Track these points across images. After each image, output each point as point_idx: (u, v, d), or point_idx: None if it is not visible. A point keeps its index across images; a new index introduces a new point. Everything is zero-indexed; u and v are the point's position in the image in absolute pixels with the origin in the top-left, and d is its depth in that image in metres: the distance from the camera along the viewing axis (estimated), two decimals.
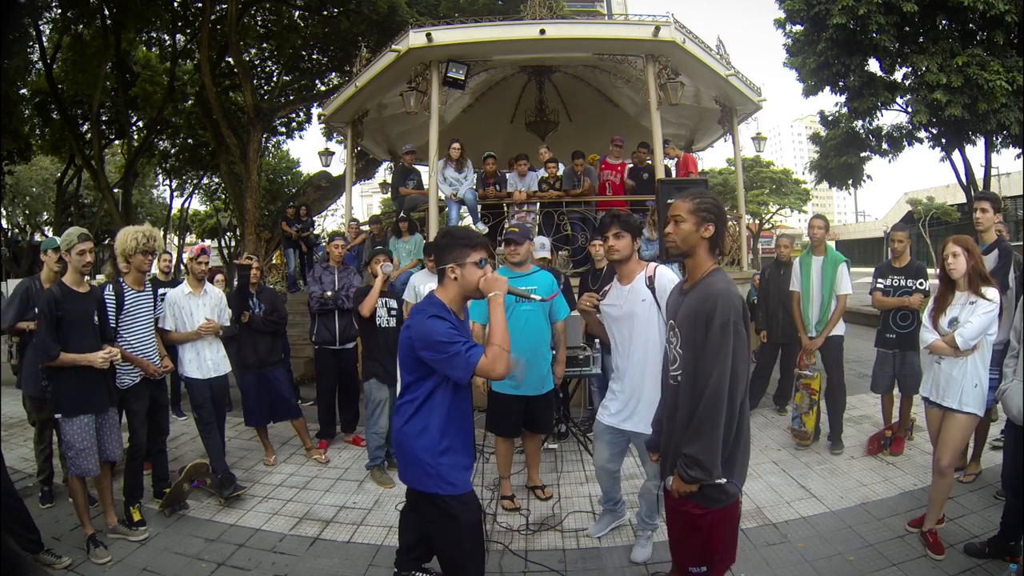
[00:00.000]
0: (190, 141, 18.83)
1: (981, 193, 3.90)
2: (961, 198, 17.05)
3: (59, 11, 14.22)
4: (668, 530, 2.27)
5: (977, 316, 2.85)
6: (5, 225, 23.37)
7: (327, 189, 16.09)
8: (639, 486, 3.13)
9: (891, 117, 12.74)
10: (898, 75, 11.91)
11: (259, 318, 4.59)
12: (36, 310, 3.56)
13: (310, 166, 50.82)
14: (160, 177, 24.63)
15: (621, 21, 10.01)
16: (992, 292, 2.89)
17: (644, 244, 6.17)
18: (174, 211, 26.02)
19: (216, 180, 22.59)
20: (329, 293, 4.94)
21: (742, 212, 9.73)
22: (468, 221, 7.87)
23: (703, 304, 1.97)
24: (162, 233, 24.75)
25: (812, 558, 2.97)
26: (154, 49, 16.97)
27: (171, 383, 5.44)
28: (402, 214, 7.38)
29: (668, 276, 2.79)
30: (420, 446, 2.17)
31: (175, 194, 24.97)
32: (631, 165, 7.43)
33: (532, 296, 2.45)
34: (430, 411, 2.18)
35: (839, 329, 4.46)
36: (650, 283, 2.79)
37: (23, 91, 15.93)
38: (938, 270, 3.13)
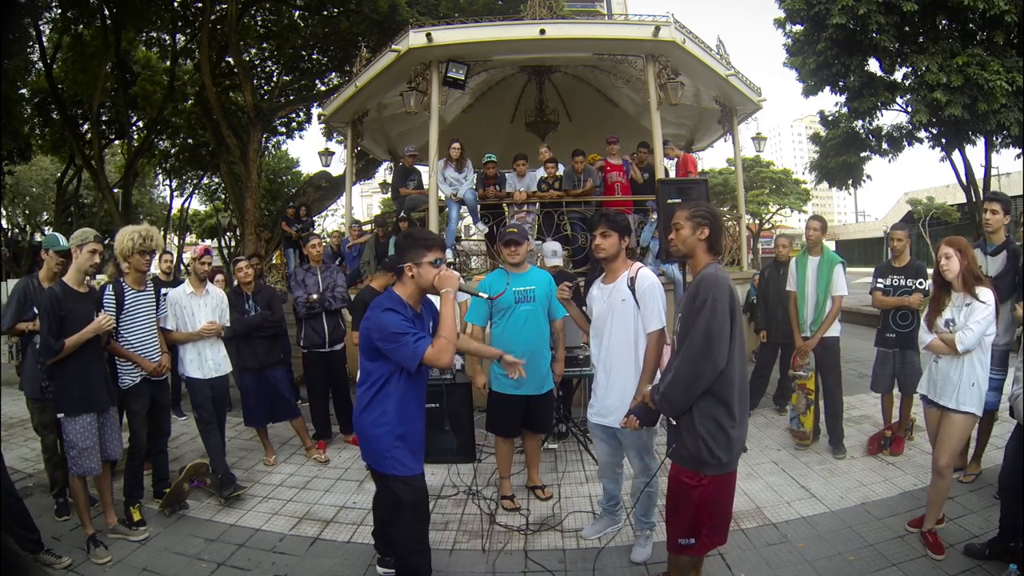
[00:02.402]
0: (190, 141, 18.82)
1: (992, 194, 3.87)
2: (961, 198, 17.03)
3: (59, 11, 14.21)
4: (666, 505, 2.49)
5: (975, 322, 2.85)
6: (5, 225, 23.36)
7: (327, 189, 16.08)
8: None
9: (891, 117, 12.73)
10: (898, 75, 11.89)
11: (255, 319, 4.57)
12: (35, 310, 3.56)
13: (310, 166, 50.87)
14: (160, 177, 24.63)
15: (621, 21, 10.01)
16: (986, 293, 2.89)
17: (648, 228, 6.18)
18: (174, 211, 26.03)
19: (216, 180, 22.58)
20: (315, 296, 4.88)
21: (742, 212, 9.74)
22: (468, 221, 7.88)
23: (692, 286, 2.30)
24: (162, 233, 24.85)
25: (812, 558, 2.97)
26: (154, 49, 16.95)
27: (171, 383, 5.43)
28: (402, 214, 7.38)
29: (650, 279, 2.86)
30: (376, 431, 2.40)
31: (175, 194, 24.99)
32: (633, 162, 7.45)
33: (479, 294, 2.66)
34: (386, 397, 2.40)
35: (835, 330, 4.46)
36: (631, 283, 2.84)
37: (23, 91, 15.91)
38: (933, 272, 3.14)
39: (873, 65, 11.72)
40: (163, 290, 4.16)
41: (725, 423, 2.22)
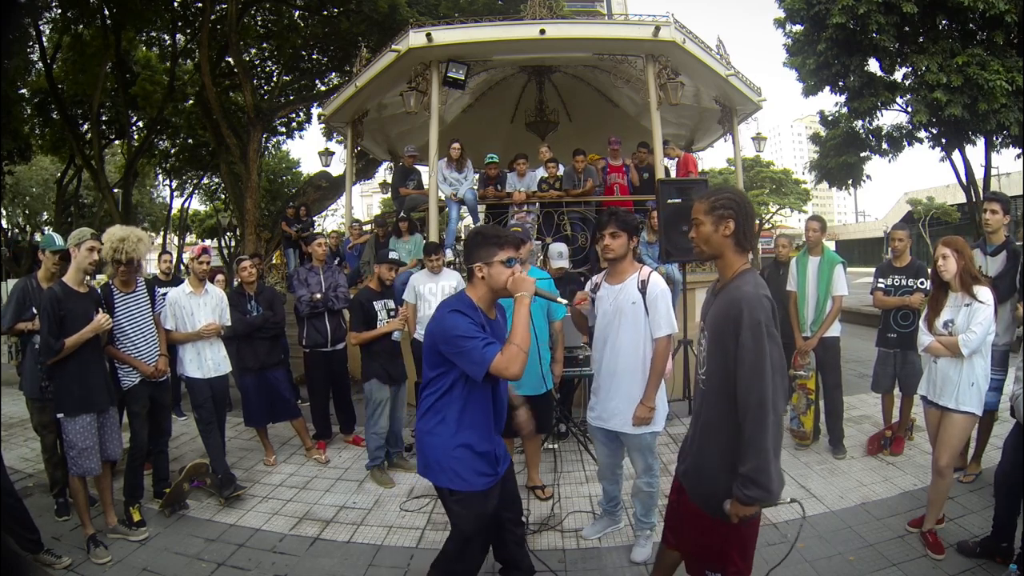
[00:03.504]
0: (190, 141, 18.83)
1: (992, 194, 3.87)
2: (961, 198, 17.03)
3: (59, 11, 14.21)
4: (687, 529, 2.20)
5: (978, 324, 2.85)
6: (5, 225, 23.37)
7: (327, 189, 16.09)
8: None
9: (891, 117, 12.71)
10: (898, 75, 11.88)
11: (258, 320, 4.56)
12: (34, 310, 3.56)
13: (310, 166, 50.87)
14: (160, 177, 24.63)
15: (621, 21, 10.00)
16: (984, 292, 2.89)
17: (644, 247, 6.17)
18: (174, 211, 26.04)
19: (216, 180, 22.59)
20: (319, 295, 4.90)
21: None
22: (468, 221, 7.87)
23: (731, 309, 1.87)
24: (162, 233, 24.85)
25: (812, 558, 2.97)
26: (154, 49, 16.97)
27: (172, 383, 5.43)
28: (402, 214, 7.38)
29: (660, 286, 2.84)
30: (434, 440, 2.20)
31: (175, 194, 25.00)
32: (633, 163, 7.46)
33: (559, 300, 2.43)
34: (447, 405, 2.19)
35: (835, 330, 4.46)
36: (642, 287, 2.82)
37: (23, 91, 15.92)
38: (931, 272, 3.14)
39: (873, 65, 11.72)
40: (162, 290, 4.15)
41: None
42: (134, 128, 18.12)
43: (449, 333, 2.09)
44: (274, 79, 16.74)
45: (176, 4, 14.69)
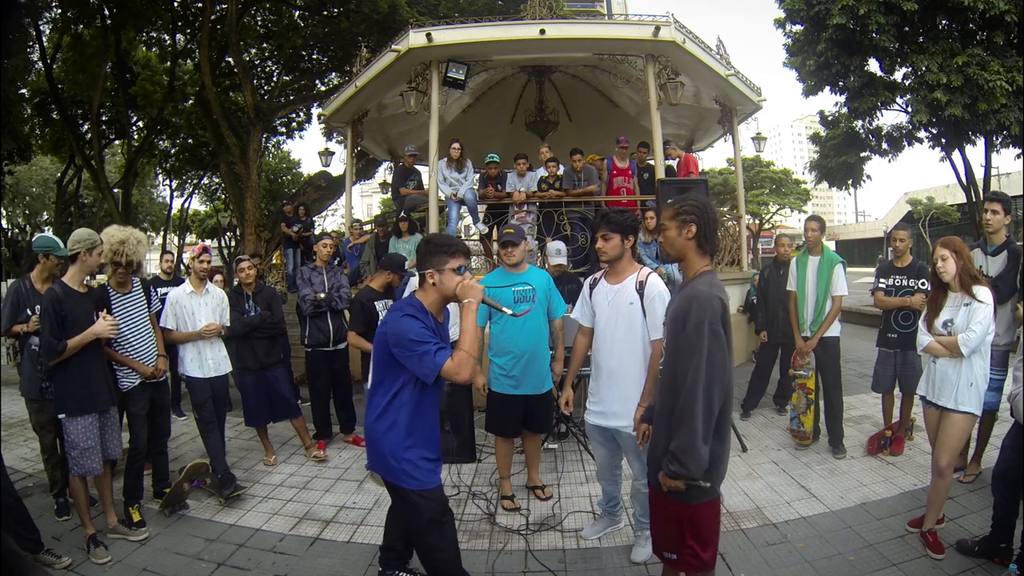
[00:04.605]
0: (190, 141, 18.84)
1: (992, 194, 3.87)
2: (961, 198, 17.02)
3: (59, 11, 14.22)
4: (649, 511, 2.33)
5: (977, 323, 2.85)
6: (5, 225, 23.38)
7: (327, 189, 16.10)
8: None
9: (891, 117, 12.72)
10: (898, 75, 11.90)
11: (255, 319, 4.56)
12: (29, 311, 3.56)
13: (310, 166, 50.90)
14: (160, 177, 24.65)
15: (621, 21, 10.00)
16: (983, 292, 2.89)
17: (641, 248, 6.17)
18: (174, 211, 26.04)
19: (216, 180, 22.61)
20: (323, 295, 4.91)
21: (742, 212, 9.75)
22: (468, 221, 7.88)
23: (683, 304, 2.04)
24: (162, 233, 24.84)
25: (812, 558, 2.97)
26: (154, 49, 16.97)
27: (171, 383, 5.43)
28: (402, 214, 7.38)
29: (658, 287, 2.84)
30: (388, 441, 2.29)
31: (175, 194, 25.01)
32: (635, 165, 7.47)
33: (503, 309, 2.49)
34: (398, 408, 2.28)
35: (834, 330, 4.46)
36: (640, 288, 2.82)
37: (23, 91, 15.92)
38: (930, 273, 3.14)
39: (873, 65, 11.73)
40: (163, 290, 4.14)
41: (715, 451, 2.01)
42: (134, 128, 18.13)
43: (402, 336, 2.17)
44: (274, 79, 16.75)
45: (176, 4, 14.69)
